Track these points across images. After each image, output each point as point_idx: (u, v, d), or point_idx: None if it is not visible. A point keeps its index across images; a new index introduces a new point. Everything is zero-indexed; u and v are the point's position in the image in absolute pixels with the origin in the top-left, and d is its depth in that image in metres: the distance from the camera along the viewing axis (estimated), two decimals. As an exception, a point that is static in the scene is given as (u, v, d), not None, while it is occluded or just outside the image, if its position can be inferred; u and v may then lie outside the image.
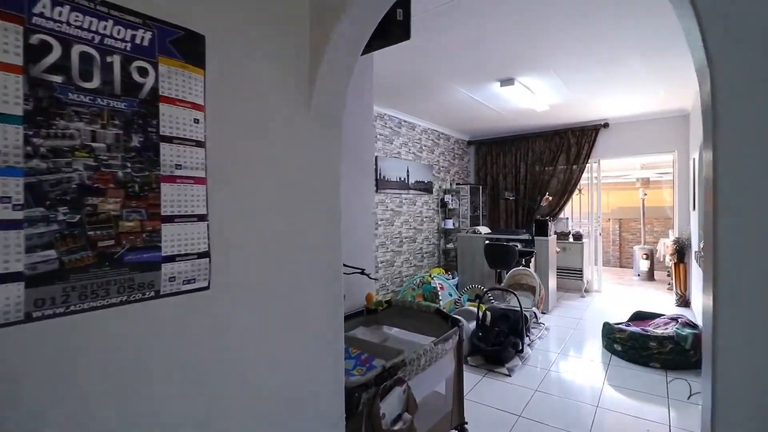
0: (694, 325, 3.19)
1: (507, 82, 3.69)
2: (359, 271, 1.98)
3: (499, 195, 6.20)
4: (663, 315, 3.62)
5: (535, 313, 3.91)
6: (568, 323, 4.21)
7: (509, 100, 4.32)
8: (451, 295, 4.65)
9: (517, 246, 4.84)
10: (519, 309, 3.32)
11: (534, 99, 4.23)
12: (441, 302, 4.32)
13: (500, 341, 3.16)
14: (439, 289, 4.48)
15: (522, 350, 3.21)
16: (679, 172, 5.02)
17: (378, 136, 4.57)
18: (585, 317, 4.41)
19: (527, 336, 3.45)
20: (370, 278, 2.21)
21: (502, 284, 4.24)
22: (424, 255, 5.46)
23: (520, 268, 4.19)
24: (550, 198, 4.84)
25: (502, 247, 4.69)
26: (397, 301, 2.43)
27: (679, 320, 3.33)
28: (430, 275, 4.67)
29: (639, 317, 3.72)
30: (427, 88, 3.93)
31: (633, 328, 3.29)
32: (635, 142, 5.26)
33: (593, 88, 4.02)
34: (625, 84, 3.84)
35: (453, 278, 5.16)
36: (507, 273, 4.73)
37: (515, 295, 3.53)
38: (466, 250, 5.28)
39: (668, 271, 5.46)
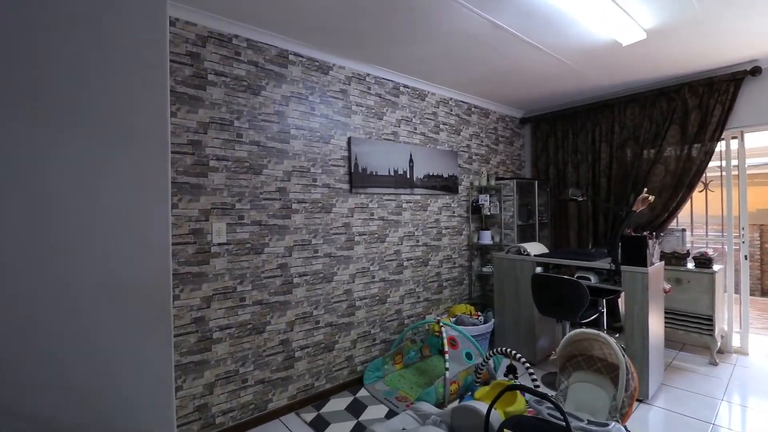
0: None
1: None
2: None
3: (568, 194, 4.17)
4: None
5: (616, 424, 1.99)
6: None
7: (566, 22, 2.44)
8: (470, 357, 2.87)
9: (589, 280, 2.88)
10: (576, 420, 1.50)
11: (616, 15, 2.31)
12: (448, 373, 2.59)
13: None
14: (448, 345, 2.75)
15: None
16: None
17: (355, 107, 3.00)
18: (726, 415, 2.34)
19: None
20: None
21: (554, 355, 2.38)
22: (444, 283, 3.73)
23: (589, 330, 2.25)
24: (651, 198, 2.84)
25: (560, 283, 2.79)
26: None
27: None
28: (438, 323, 2.95)
29: None
30: (405, 10, 2.26)
31: None
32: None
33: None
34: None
35: (486, 322, 3.36)
36: (569, 328, 2.83)
37: (562, 379, 1.70)
38: (505, 281, 3.44)
39: None
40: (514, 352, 2.23)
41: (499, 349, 2.27)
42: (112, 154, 1.05)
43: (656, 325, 2.73)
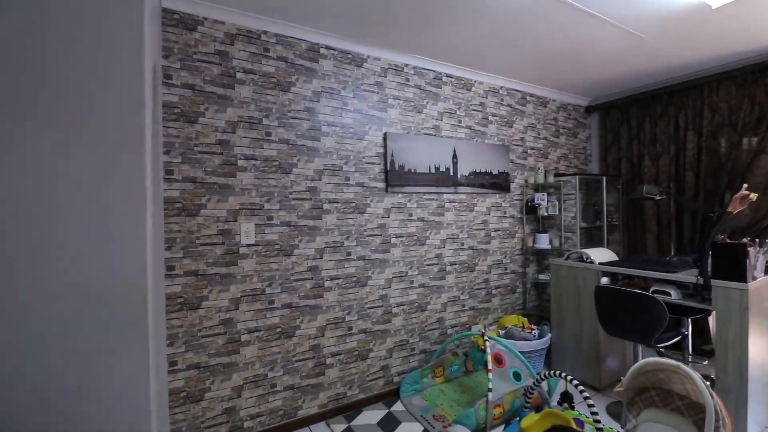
0: None
1: None
2: None
3: (642, 192, 3.59)
4: None
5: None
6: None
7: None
8: (518, 378, 2.55)
9: (669, 295, 2.41)
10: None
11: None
12: (491, 394, 2.31)
13: None
14: (493, 363, 2.47)
15: None
16: None
17: (391, 100, 2.81)
18: None
19: None
20: None
21: (620, 386, 1.97)
22: (494, 291, 3.40)
23: (666, 360, 1.80)
24: (753, 196, 2.27)
25: (630, 298, 2.36)
26: None
27: None
28: (482, 335, 2.66)
29: None
30: (445, -13, 2.01)
31: None
32: None
33: None
34: None
35: (540, 337, 2.99)
36: (643, 352, 2.40)
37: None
38: (564, 291, 3.02)
39: None
40: (569, 377, 1.88)
41: (551, 372, 1.93)
42: (77, 148, 0.97)
43: (760, 354, 2.19)
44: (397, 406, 2.64)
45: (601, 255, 2.92)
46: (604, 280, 2.76)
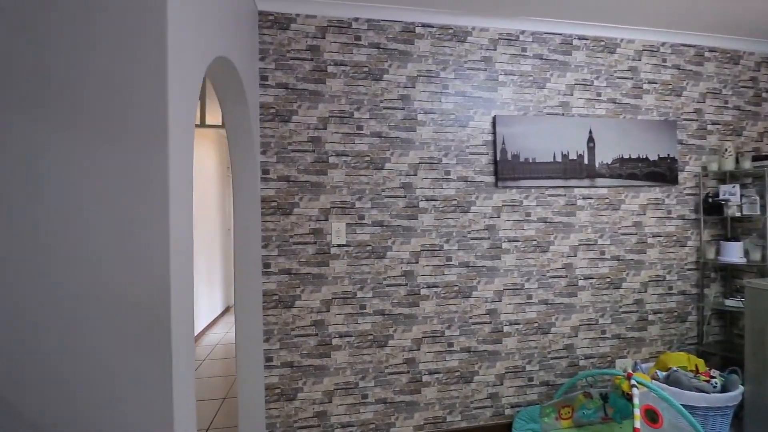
0: None
1: None
2: None
3: None
4: None
5: None
6: None
7: None
8: (684, 445, 1.82)
9: None
10: None
11: None
12: (638, 462, 1.68)
13: None
14: (643, 420, 1.83)
15: None
16: None
17: (503, 77, 2.35)
18: None
19: None
20: None
21: None
22: (651, 317, 2.56)
23: None
24: None
25: None
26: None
27: None
28: (627, 378, 2.00)
29: None
30: None
31: None
32: None
33: None
34: None
35: (725, 390, 2.09)
36: None
37: None
38: (766, 325, 2.04)
39: None
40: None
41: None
42: (99, 152, 0.93)
43: None
44: (508, 446, 2.18)
45: None
46: None
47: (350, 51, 2.20)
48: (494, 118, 2.32)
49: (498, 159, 2.31)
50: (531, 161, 2.35)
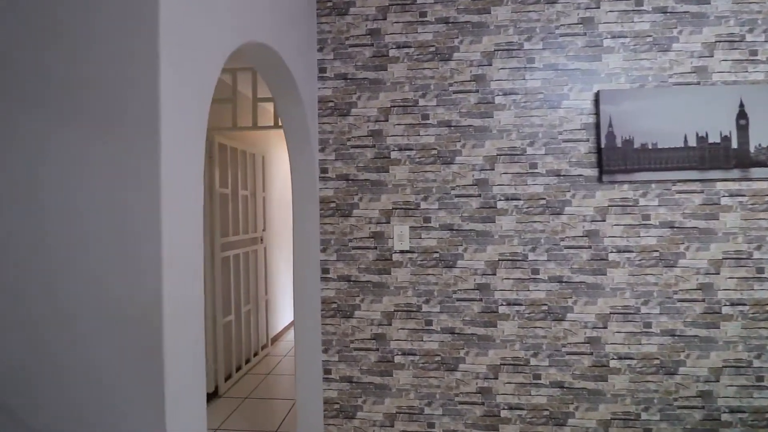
0: None
1: None
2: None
3: None
4: None
5: None
6: None
7: None
8: None
9: None
10: None
11: None
12: None
13: None
14: None
15: None
16: None
17: (609, 41, 1.84)
18: None
19: None
20: None
21: None
22: None
23: None
24: None
25: None
26: None
27: None
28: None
29: None
30: None
31: None
32: None
33: None
34: None
35: None
36: None
37: None
38: None
39: None
40: None
41: None
42: (95, 152, 0.82)
43: None
44: None
45: None
46: None
47: (414, 30, 1.93)
48: (597, 93, 1.83)
49: (603, 146, 1.82)
50: (650, 147, 1.80)
